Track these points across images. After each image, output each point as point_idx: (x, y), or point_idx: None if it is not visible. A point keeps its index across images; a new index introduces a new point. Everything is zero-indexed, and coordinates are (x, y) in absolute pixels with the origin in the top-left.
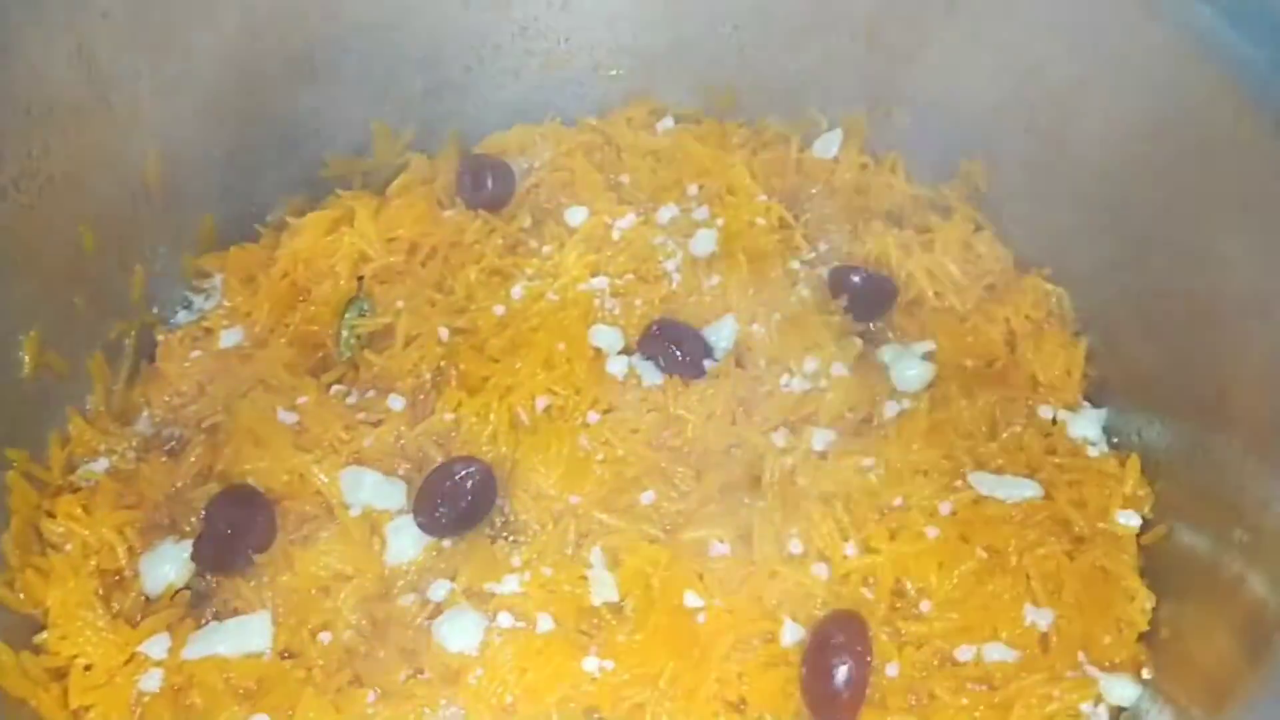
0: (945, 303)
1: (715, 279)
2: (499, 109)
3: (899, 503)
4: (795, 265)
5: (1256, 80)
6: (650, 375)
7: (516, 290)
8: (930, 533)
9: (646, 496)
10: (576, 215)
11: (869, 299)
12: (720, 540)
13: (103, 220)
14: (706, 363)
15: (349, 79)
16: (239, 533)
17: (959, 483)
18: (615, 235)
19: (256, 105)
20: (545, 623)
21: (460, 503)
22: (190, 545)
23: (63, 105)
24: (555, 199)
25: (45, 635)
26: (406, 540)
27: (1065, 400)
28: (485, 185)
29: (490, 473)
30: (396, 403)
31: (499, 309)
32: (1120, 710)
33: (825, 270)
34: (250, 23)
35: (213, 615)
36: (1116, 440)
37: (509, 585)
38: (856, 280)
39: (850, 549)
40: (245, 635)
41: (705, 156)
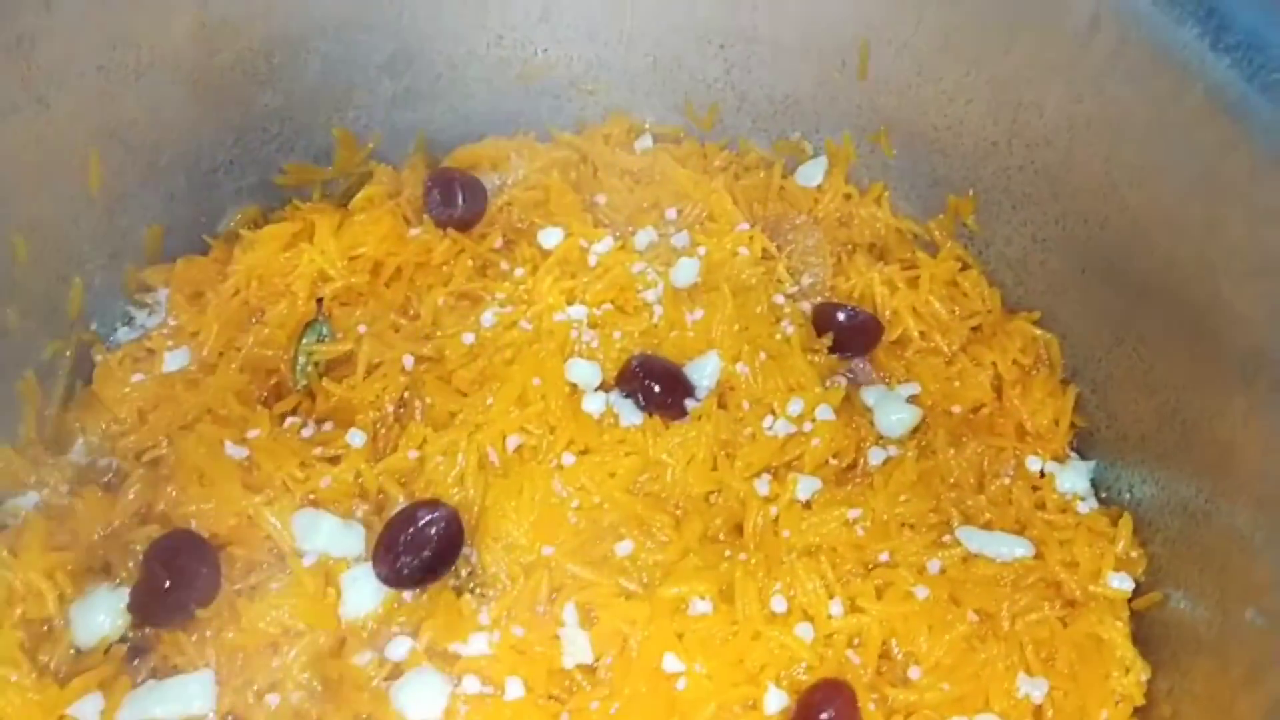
0: (931, 343)
1: (699, 313)
2: (470, 120)
3: (885, 558)
4: (779, 300)
5: (1272, 134)
6: (629, 414)
7: (487, 317)
8: (919, 592)
9: (623, 547)
10: (551, 237)
11: (854, 337)
12: (701, 597)
13: (38, 228)
14: (689, 402)
15: (310, 81)
16: (179, 584)
17: (947, 538)
18: (592, 260)
19: (209, 107)
20: (515, 688)
21: (424, 551)
22: (127, 592)
23: None
24: (529, 218)
25: None
26: (364, 592)
27: (1053, 451)
28: (456, 202)
29: (457, 518)
30: (356, 438)
31: (468, 337)
32: None
33: (808, 305)
34: (205, 18)
35: (150, 673)
36: (1105, 495)
37: (476, 646)
38: (841, 318)
39: (836, 607)
40: (185, 696)
41: (685, 179)
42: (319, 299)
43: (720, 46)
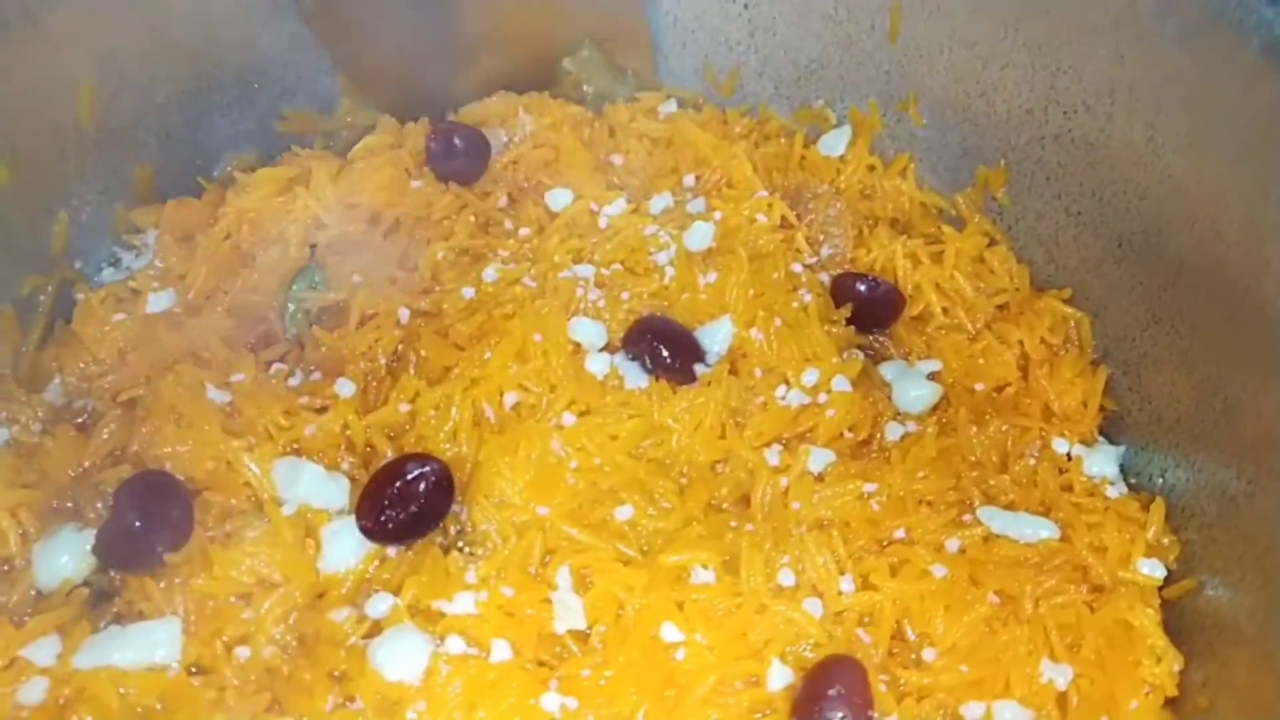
0: (954, 320)
1: (712, 276)
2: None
3: (901, 535)
4: (797, 269)
5: None
6: (634, 377)
7: (489, 272)
8: (937, 571)
9: (623, 512)
10: (560, 198)
11: (874, 310)
12: (704, 566)
13: (23, 155)
14: (698, 368)
15: None
16: (149, 527)
17: (968, 517)
18: (603, 223)
19: (210, 42)
20: (501, 650)
21: (410, 506)
22: (93, 535)
23: None
24: (536, 177)
25: None
26: (346, 546)
27: (1081, 434)
28: (456, 155)
29: (447, 474)
30: (345, 388)
31: (468, 291)
32: None
33: (827, 276)
34: None
35: (114, 618)
36: (1134, 482)
37: (462, 604)
38: (862, 289)
39: (847, 584)
40: (149, 644)
41: (705, 144)
42: (312, 246)
43: (745, 6)
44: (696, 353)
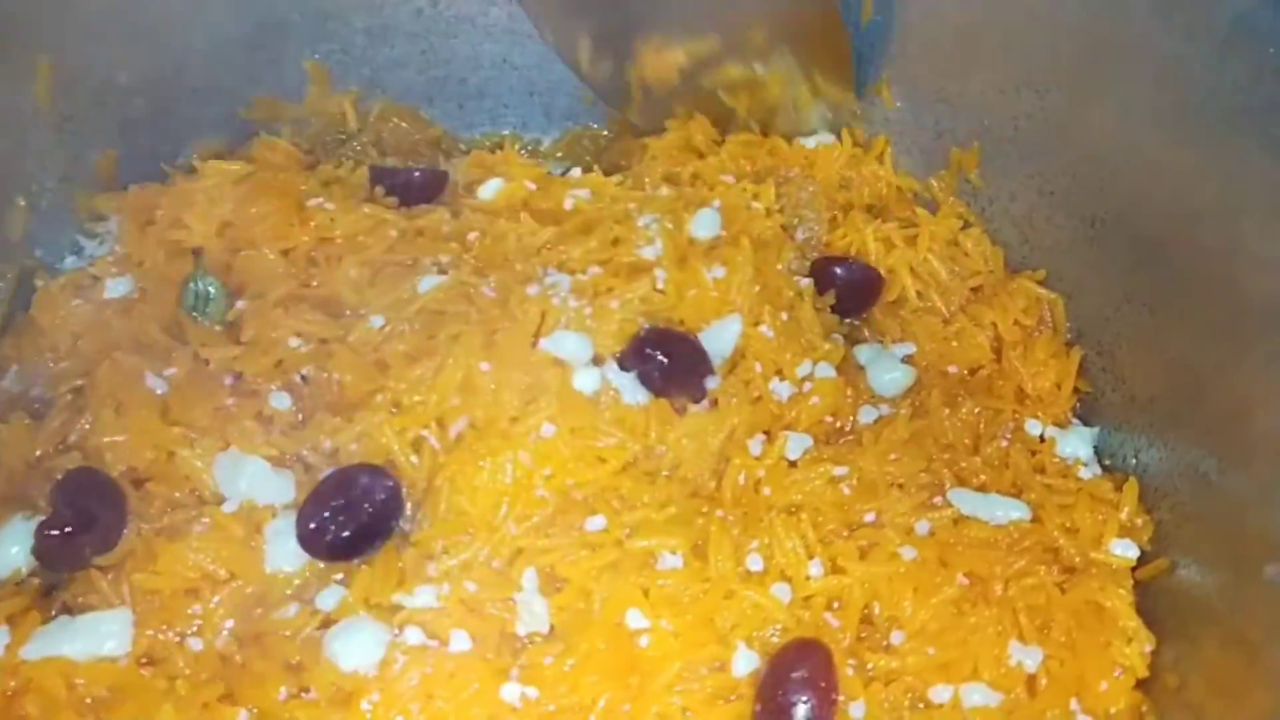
0: (928, 303)
1: (719, 270)
2: (450, 62)
3: (871, 518)
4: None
5: None
6: (632, 391)
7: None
8: (906, 554)
9: (594, 522)
10: (489, 189)
11: (853, 293)
12: (672, 552)
13: None
14: (709, 381)
15: (282, 10)
16: (79, 528)
17: (938, 499)
18: (568, 204)
19: (173, 26)
20: (460, 641)
21: (355, 522)
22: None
23: None
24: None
25: None
26: (290, 547)
27: (1054, 416)
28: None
29: (398, 493)
30: (281, 400)
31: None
32: None
33: (804, 261)
34: None
35: (62, 609)
36: (1108, 463)
37: (422, 598)
38: (840, 272)
39: (815, 568)
40: (99, 635)
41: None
42: (195, 250)
43: None
44: (706, 364)
